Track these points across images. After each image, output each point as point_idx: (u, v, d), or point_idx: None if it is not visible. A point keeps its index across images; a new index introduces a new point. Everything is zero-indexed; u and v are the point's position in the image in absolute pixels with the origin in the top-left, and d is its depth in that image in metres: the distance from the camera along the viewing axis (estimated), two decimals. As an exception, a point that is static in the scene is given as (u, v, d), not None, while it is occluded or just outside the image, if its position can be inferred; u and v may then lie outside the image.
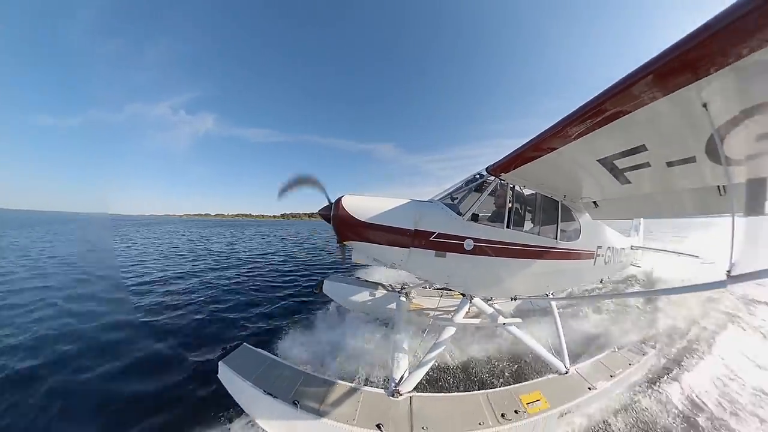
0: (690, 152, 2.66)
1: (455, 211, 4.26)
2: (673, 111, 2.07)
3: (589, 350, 6.08)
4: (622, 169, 3.27)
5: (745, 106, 1.94)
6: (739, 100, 1.89)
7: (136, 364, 5.72)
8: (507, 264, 4.38)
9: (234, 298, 9.88)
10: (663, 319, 7.19)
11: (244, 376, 4.08)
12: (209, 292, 10.60)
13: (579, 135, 2.66)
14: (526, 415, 3.86)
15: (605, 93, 2.09)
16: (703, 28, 1.45)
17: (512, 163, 3.76)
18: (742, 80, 1.68)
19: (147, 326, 7.43)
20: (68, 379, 5.20)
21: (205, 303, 9.38)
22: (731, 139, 2.24)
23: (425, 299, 7.69)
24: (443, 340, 4.50)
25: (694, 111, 2.01)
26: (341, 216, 4.03)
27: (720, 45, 1.47)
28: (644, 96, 1.95)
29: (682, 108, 2.02)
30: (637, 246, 8.64)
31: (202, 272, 14.14)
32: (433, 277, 4.57)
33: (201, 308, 8.84)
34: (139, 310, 8.54)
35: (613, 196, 4.42)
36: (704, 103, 1.93)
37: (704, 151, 2.56)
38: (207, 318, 8.17)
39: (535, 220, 4.73)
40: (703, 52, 1.52)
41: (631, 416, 4.57)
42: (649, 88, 1.88)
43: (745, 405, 4.76)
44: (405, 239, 4.02)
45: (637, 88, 1.90)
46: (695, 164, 2.81)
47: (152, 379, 5.27)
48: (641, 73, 1.81)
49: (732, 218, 2.35)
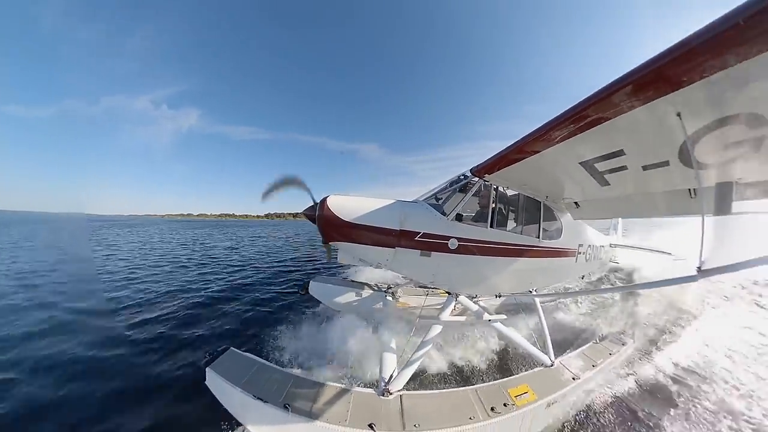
0: (664, 157, 2.81)
1: (440, 211, 4.32)
2: (650, 119, 2.19)
3: (576, 341, 6.47)
4: (601, 172, 3.39)
5: (715, 117, 2.09)
6: (710, 111, 2.04)
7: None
8: (491, 262, 4.49)
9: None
10: (642, 306, 7.76)
11: (232, 382, 4.01)
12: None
13: (562, 139, 2.75)
14: (514, 407, 4.01)
15: (588, 100, 2.19)
16: (678, 46, 1.58)
17: (496, 164, 3.84)
18: (713, 93, 1.83)
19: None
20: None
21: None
22: (702, 145, 2.40)
23: (411, 298, 7.78)
24: (430, 338, 4.59)
25: (669, 119, 2.15)
26: (326, 216, 4.02)
27: (693, 61, 1.61)
28: (624, 104, 2.06)
29: (658, 116, 2.15)
30: (615, 244, 9.07)
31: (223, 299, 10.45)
32: (418, 276, 4.63)
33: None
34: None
35: (594, 197, 4.57)
36: (678, 112, 2.07)
37: (677, 157, 2.72)
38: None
39: (518, 219, 4.86)
40: (679, 67, 1.66)
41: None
42: (629, 97, 1.99)
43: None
44: (390, 239, 4.06)
45: (617, 97, 2.01)
46: (669, 168, 2.96)
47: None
48: (622, 82, 1.92)
49: (702, 219, 2.54)
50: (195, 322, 8.11)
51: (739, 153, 2.44)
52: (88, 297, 9.73)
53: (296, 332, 6.90)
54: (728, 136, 2.24)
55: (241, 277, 13.60)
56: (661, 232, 13.35)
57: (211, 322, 8.11)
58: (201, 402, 4.48)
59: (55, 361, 5.87)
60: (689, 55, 1.57)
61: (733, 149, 2.41)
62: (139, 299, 9.88)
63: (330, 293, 7.40)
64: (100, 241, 26.95)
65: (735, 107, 1.97)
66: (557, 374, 4.87)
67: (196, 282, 12.54)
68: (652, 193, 3.80)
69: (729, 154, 2.49)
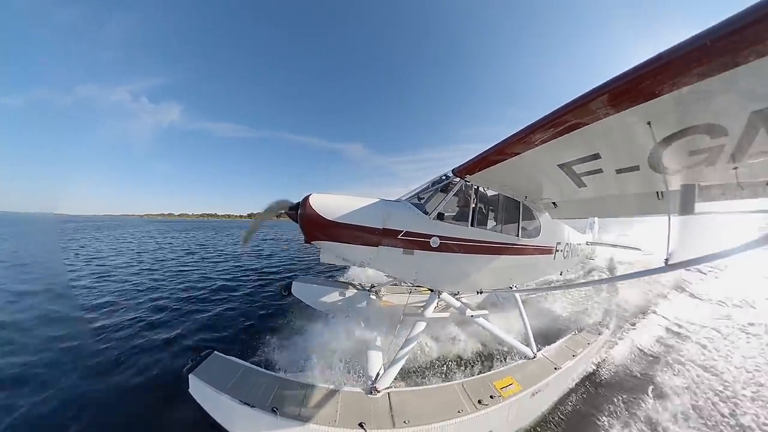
0: (635, 161, 3.02)
1: (422, 210, 4.44)
2: (623, 126, 2.37)
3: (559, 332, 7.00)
4: (579, 174, 3.58)
5: (681, 127, 2.30)
6: (677, 121, 2.24)
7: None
8: (472, 260, 4.65)
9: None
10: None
11: (217, 388, 3.91)
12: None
13: (542, 142, 2.89)
14: (501, 399, 4.19)
15: (567, 106, 2.34)
16: (651, 61, 1.75)
17: (477, 165, 3.96)
18: (680, 106, 2.02)
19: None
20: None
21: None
22: (669, 152, 2.62)
23: (395, 296, 7.91)
24: (415, 335, 4.71)
25: (640, 127, 2.33)
26: (309, 215, 4.02)
27: (664, 76, 1.78)
28: (600, 111, 2.23)
29: (631, 124, 2.32)
30: (591, 242, 9.62)
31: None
32: (401, 274, 4.75)
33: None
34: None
35: (571, 198, 4.79)
36: (648, 121, 2.25)
37: (647, 162, 2.93)
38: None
39: (497, 218, 5.07)
40: (651, 80, 1.83)
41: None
42: (605, 105, 2.16)
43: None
44: (373, 238, 4.14)
45: (594, 104, 2.18)
46: (639, 172, 3.18)
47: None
48: (599, 91, 2.09)
49: (668, 218, 2.77)
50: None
51: (701, 159, 2.69)
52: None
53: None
54: (692, 144, 2.47)
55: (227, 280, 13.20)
56: (640, 226, 14.32)
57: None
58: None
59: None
60: (660, 70, 1.74)
61: (696, 156, 2.65)
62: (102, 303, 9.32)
63: (313, 293, 7.40)
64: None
65: (699, 118, 2.16)
66: (540, 365, 5.15)
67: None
68: (625, 195, 4.06)
69: (692, 160, 2.73)
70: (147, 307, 9.31)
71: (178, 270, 15.42)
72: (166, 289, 11.49)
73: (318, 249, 4.54)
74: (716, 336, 7.15)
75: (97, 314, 8.50)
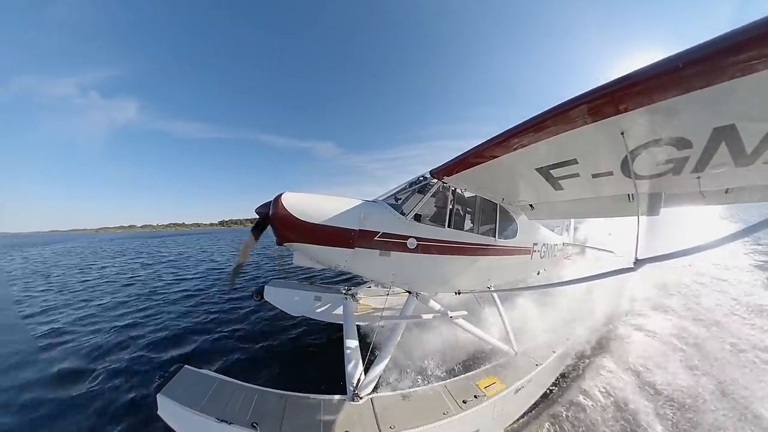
0: (610, 167, 3.41)
1: (399, 211, 4.65)
2: (599, 134, 2.71)
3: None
4: (556, 178, 3.92)
5: (650, 138, 2.68)
6: (648, 132, 2.61)
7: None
8: (449, 261, 4.93)
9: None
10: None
11: (190, 406, 3.78)
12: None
13: (520, 146, 3.16)
14: (485, 397, 4.43)
15: (547, 113, 2.62)
16: (626, 78, 2.05)
17: (455, 167, 4.18)
18: (651, 120, 2.38)
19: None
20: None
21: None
22: (639, 160, 3.03)
23: (372, 299, 8.15)
24: (394, 338, 4.91)
25: (614, 136, 2.67)
26: (281, 215, 4.06)
27: (637, 92, 2.10)
28: (578, 120, 2.53)
29: (606, 133, 2.66)
30: (568, 243, 10.45)
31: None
32: (378, 276, 4.94)
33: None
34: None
35: (548, 200, 5.18)
36: (622, 131, 2.59)
37: (620, 168, 3.32)
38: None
39: (475, 220, 5.38)
40: (625, 95, 2.15)
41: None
42: (582, 115, 2.47)
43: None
44: (349, 239, 4.28)
45: (574, 113, 2.47)
46: (613, 177, 3.57)
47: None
48: (578, 101, 2.38)
49: (637, 219, 3.19)
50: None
51: (668, 168, 3.13)
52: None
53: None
54: (660, 154, 2.87)
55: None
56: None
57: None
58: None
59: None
60: (635, 86, 2.05)
61: (664, 165, 3.08)
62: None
63: (287, 298, 7.43)
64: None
65: (667, 131, 2.54)
66: (521, 362, 5.53)
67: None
68: (599, 197, 4.54)
69: (660, 168, 3.16)
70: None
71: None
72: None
73: (291, 251, 4.67)
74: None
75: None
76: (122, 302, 11.80)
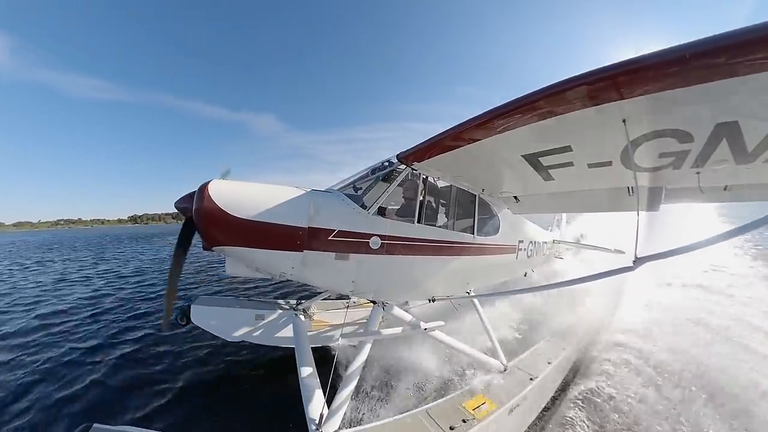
0: (608, 157, 3.42)
1: (358, 203, 4.36)
2: (599, 120, 2.72)
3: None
4: (546, 167, 3.84)
5: (653, 129, 2.74)
6: (651, 122, 2.68)
7: None
8: (420, 262, 4.75)
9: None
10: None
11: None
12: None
13: (506, 129, 3.05)
14: (475, 421, 4.26)
15: (541, 92, 2.56)
16: (632, 61, 2.08)
17: (427, 151, 3.98)
18: (654, 109, 2.46)
19: None
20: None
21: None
22: (640, 151, 3.07)
23: (329, 314, 7.57)
24: (359, 360, 4.53)
25: (615, 123, 2.69)
26: (208, 210, 3.61)
27: (643, 78, 2.14)
28: (576, 102, 2.50)
29: (606, 119, 2.67)
30: (559, 240, 10.46)
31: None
32: (335, 284, 4.64)
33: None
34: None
35: (536, 192, 5.12)
36: (624, 119, 2.62)
37: (620, 158, 3.34)
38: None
39: (450, 214, 5.22)
40: (631, 79, 2.17)
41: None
42: (582, 97, 2.44)
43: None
44: (297, 240, 3.90)
45: (571, 94, 2.43)
46: (611, 167, 3.59)
47: None
48: (577, 81, 2.34)
49: (637, 214, 3.25)
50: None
51: (669, 162, 3.25)
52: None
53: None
54: (662, 146, 2.97)
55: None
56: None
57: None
58: None
59: None
60: (641, 71, 2.10)
61: (665, 158, 3.19)
62: None
63: (220, 318, 6.50)
64: None
65: (670, 123, 2.64)
66: (513, 378, 5.40)
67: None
68: (595, 190, 4.56)
69: (661, 161, 3.27)
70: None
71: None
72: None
73: (222, 257, 4.18)
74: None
75: None
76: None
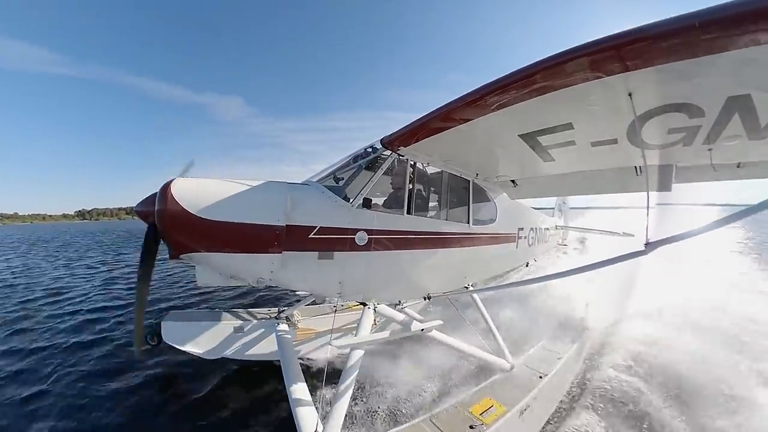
0: (613, 134, 3.34)
1: (341, 195, 4.19)
2: (602, 94, 2.65)
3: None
4: (546, 147, 3.73)
5: (662, 103, 2.69)
6: (659, 96, 2.62)
7: None
8: (412, 257, 4.63)
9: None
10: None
11: None
12: None
13: (500, 106, 2.94)
14: (484, 427, 4.14)
15: (538, 64, 2.46)
16: (638, 30, 2.01)
17: (415, 134, 3.83)
18: (662, 81, 2.40)
19: None
20: None
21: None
22: (648, 127, 3.01)
23: (315, 320, 7.29)
24: (352, 368, 4.27)
25: (620, 98, 2.62)
26: (171, 213, 3.40)
27: (649, 48, 2.08)
28: (578, 75, 2.41)
29: (611, 93, 2.61)
30: (561, 225, 10.44)
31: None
32: (320, 287, 4.49)
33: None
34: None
35: (535, 174, 5.02)
36: (630, 92, 2.54)
37: (626, 135, 3.27)
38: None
39: (442, 202, 5.09)
40: (636, 49, 2.10)
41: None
42: (583, 69, 2.35)
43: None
44: (274, 240, 3.68)
45: (571, 66, 2.34)
46: (617, 145, 3.52)
47: None
48: (577, 52, 2.25)
49: (647, 195, 3.21)
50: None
51: (679, 138, 3.22)
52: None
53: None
54: (671, 121, 2.92)
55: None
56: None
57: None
58: None
59: None
60: (647, 41, 2.03)
61: (674, 134, 3.16)
62: None
63: (194, 335, 6.15)
64: None
65: (679, 97, 2.60)
66: (521, 377, 5.31)
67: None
68: (600, 170, 4.49)
69: (671, 138, 3.24)
70: None
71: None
72: None
73: (191, 265, 3.97)
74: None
75: None
76: None
